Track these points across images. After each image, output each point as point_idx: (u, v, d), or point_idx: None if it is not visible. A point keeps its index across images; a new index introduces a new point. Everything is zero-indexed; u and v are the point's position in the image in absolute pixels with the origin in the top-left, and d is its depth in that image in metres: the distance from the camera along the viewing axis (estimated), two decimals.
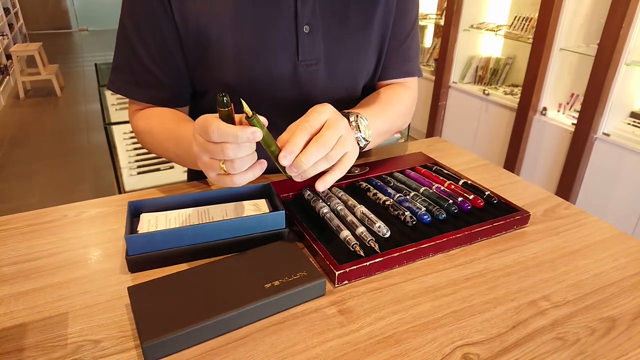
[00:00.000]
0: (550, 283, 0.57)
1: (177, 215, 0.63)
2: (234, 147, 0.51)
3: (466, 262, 0.60)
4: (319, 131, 0.56)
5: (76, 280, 0.56)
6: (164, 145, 0.73)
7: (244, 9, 0.69)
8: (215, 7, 0.68)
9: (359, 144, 0.67)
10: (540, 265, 0.60)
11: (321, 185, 0.57)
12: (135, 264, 0.57)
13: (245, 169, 0.54)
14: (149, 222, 0.61)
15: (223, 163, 0.53)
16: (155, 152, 0.78)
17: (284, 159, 0.53)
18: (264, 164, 0.56)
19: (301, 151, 0.54)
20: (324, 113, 0.57)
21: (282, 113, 0.75)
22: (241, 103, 0.52)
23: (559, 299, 0.55)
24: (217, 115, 0.53)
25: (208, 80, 0.74)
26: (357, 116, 0.67)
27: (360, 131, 0.66)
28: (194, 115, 0.83)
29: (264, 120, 0.54)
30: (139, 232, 0.59)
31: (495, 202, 0.71)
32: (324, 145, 0.54)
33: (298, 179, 0.57)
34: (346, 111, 0.69)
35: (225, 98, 0.52)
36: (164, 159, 1.98)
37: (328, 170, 0.58)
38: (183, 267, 0.58)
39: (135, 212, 0.63)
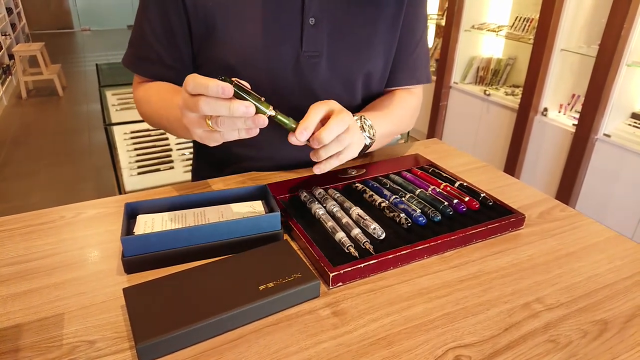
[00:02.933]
0: (544, 285, 0.57)
1: (174, 217, 0.63)
2: (208, 100, 0.52)
3: (460, 264, 0.61)
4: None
5: (72, 281, 0.56)
6: (158, 112, 0.76)
7: None
8: None
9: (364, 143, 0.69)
10: (535, 268, 0.61)
11: (317, 169, 0.61)
12: (131, 265, 0.57)
13: (232, 127, 0.55)
14: (146, 224, 0.61)
15: (209, 119, 0.55)
16: (151, 121, 0.81)
17: (301, 135, 0.56)
18: (255, 129, 0.56)
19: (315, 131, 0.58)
20: (330, 104, 0.60)
21: (281, 99, 0.77)
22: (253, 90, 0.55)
23: (552, 302, 0.55)
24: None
25: (212, 60, 0.76)
26: (361, 117, 0.70)
27: (364, 131, 0.69)
28: None
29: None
30: (135, 233, 0.59)
31: (490, 204, 0.71)
32: (342, 121, 0.58)
33: (314, 159, 0.61)
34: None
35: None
36: (163, 160, 1.99)
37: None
38: (179, 268, 0.58)
39: (131, 213, 0.64)
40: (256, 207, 0.67)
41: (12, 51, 4.84)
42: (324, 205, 0.69)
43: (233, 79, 0.54)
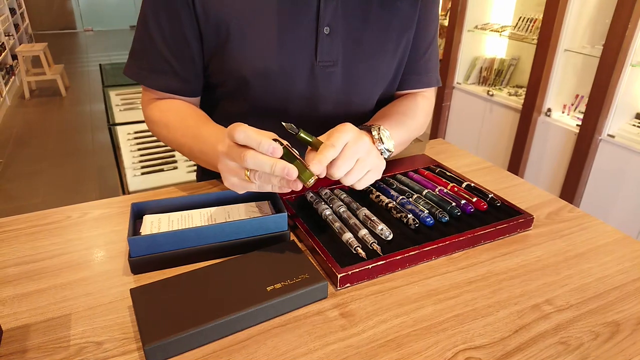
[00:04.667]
0: (554, 287, 0.57)
1: (180, 217, 0.63)
2: (255, 155, 0.53)
3: (469, 265, 0.60)
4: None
5: (79, 281, 0.56)
6: (179, 140, 0.73)
7: (266, 6, 0.70)
8: (238, 2, 0.69)
9: (382, 155, 0.67)
10: (544, 269, 0.60)
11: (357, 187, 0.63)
12: (137, 265, 0.57)
13: (267, 182, 0.56)
14: (152, 224, 0.61)
15: (248, 171, 0.55)
16: (167, 144, 0.79)
17: (314, 168, 0.55)
18: (288, 188, 0.56)
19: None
20: (345, 134, 0.58)
21: (294, 109, 0.76)
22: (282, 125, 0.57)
23: (562, 303, 0.54)
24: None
25: (224, 71, 0.75)
26: (379, 129, 0.68)
27: (383, 143, 0.67)
28: (205, 106, 0.83)
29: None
30: (142, 233, 0.59)
31: (498, 204, 0.70)
32: (351, 157, 0.58)
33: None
34: (368, 124, 0.70)
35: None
36: (167, 160, 1.99)
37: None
38: (185, 268, 0.58)
39: (138, 213, 0.63)
40: (263, 207, 0.66)
41: (15, 51, 4.85)
42: (331, 205, 0.69)
43: (284, 143, 0.55)
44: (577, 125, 2.36)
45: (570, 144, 2.40)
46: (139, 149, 2.02)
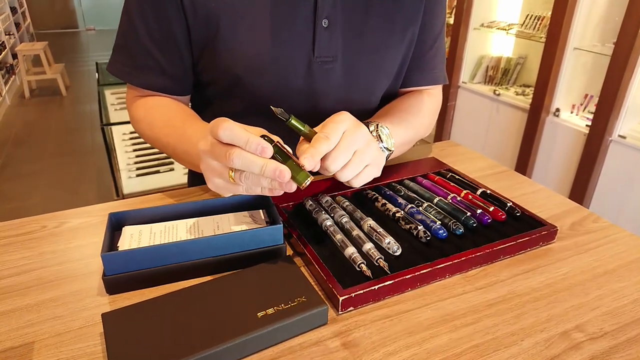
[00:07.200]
0: (584, 310, 0.50)
1: (163, 229, 0.56)
2: (242, 154, 0.47)
3: (488, 284, 0.53)
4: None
5: (47, 302, 0.50)
6: (163, 140, 0.68)
7: None
8: None
9: None
10: (571, 289, 0.53)
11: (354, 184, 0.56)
12: (113, 284, 0.50)
13: (256, 184, 0.49)
14: (132, 237, 0.54)
15: (232, 172, 0.49)
16: (151, 144, 0.73)
17: (306, 162, 0.49)
18: (280, 190, 0.50)
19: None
20: (342, 123, 0.52)
21: (291, 107, 0.69)
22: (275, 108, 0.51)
23: (595, 330, 0.48)
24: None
25: (215, 67, 0.69)
26: (377, 125, 0.62)
27: (382, 141, 0.61)
28: (197, 106, 0.77)
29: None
30: (119, 248, 0.53)
31: (518, 214, 0.64)
32: (348, 149, 0.52)
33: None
34: (366, 121, 0.64)
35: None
36: (164, 162, 1.93)
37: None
38: (167, 288, 0.51)
39: (117, 224, 0.57)
40: (256, 217, 0.60)
41: (15, 50, 4.80)
42: (332, 215, 0.62)
43: (275, 139, 0.49)
44: (587, 125, 2.29)
45: (579, 144, 2.33)
46: (135, 150, 1.96)
